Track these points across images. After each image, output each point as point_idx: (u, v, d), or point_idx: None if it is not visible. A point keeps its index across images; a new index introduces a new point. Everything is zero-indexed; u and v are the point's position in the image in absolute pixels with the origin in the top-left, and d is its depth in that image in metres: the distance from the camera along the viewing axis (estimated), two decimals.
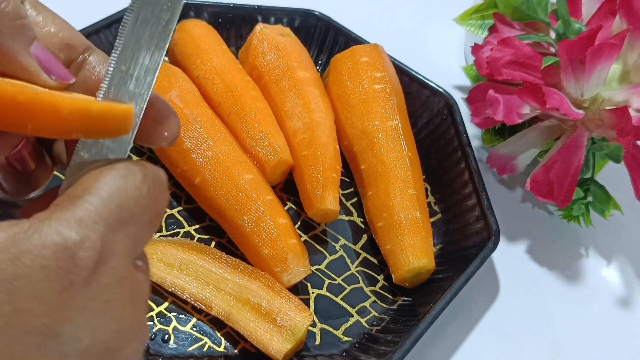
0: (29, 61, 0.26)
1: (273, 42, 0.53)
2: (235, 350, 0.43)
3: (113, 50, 0.26)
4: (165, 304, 0.44)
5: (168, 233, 0.48)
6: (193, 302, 0.42)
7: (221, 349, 0.43)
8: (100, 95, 0.26)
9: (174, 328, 0.43)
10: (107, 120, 0.25)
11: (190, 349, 0.42)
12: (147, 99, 0.26)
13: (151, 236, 0.26)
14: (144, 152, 0.52)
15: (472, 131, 0.56)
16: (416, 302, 0.46)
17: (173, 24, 0.27)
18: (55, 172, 0.31)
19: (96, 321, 0.23)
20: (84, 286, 0.22)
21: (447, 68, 0.64)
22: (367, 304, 0.46)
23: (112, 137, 0.26)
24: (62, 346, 0.22)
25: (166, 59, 0.58)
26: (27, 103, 0.23)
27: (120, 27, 0.26)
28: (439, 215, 0.52)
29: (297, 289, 0.46)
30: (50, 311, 0.22)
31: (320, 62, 0.59)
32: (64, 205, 0.23)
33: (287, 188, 0.51)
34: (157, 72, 0.27)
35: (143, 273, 0.26)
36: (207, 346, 0.42)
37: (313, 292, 0.46)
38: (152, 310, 0.43)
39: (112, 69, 0.26)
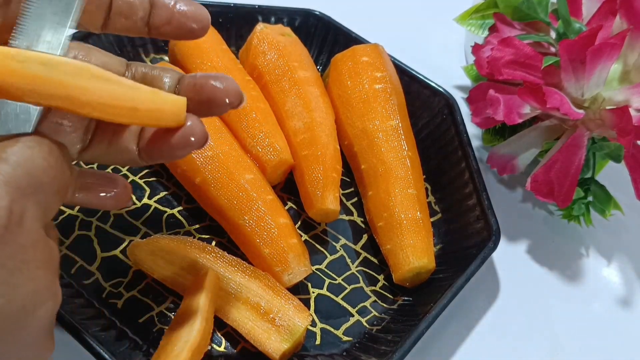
0: None
1: (273, 41, 0.53)
2: (236, 350, 0.43)
3: (15, 28, 0.26)
4: (166, 304, 0.44)
5: (168, 233, 0.48)
6: None
7: (221, 348, 0.43)
8: None
9: None
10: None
11: None
12: None
13: (59, 206, 0.27)
14: None
15: (473, 131, 0.56)
16: (416, 302, 0.46)
17: (79, 3, 0.27)
18: None
19: (13, 280, 0.24)
20: None
21: (448, 68, 0.64)
22: (367, 303, 0.46)
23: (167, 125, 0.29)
24: None
25: (166, 58, 0.58)
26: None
27: (23, 5, 0.26)
28: (439, 215, 0.52)
29: (298, 289, 0.46)
30: None
31: (320, 62, 0.59)
32: None
33: (288, 188, 0.51)
34: (62, 49, 0.27)
35: (53, 241, 0.27)
36: None
37: (313, 292, 0.46)
38: (153, 310, 0.44)
39: (14, 44, 0.26)
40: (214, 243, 0.47)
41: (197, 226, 0.48)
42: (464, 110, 0.55)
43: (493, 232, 0.46)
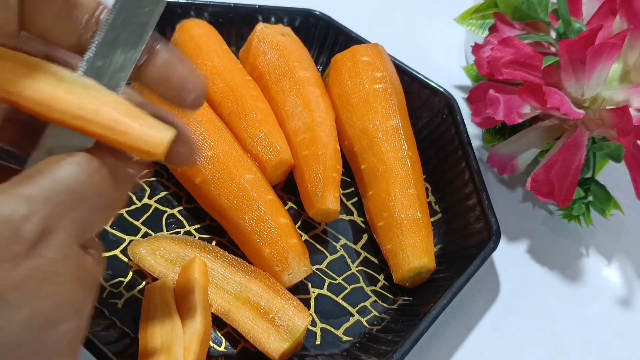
0: None
1: (274, 41, 0.53)
2: (236, 350, 0.43)
3: (90, 46, 0.28)
4: None
5: (168, 233, 0.48)
6: None
7: (222, 348, 0.43)
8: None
9: None
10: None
11: None
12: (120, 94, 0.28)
13: (103, 224, 0.27)
14: None
15: (473, 131, 0.56)
16: (417, 302, 0.46)
17: (151, 27, 0.28)
18: None
19: (40, 291, 0.24)
20: (27, 257, 0.24)
21: (448, 68, 0.64)
22: (367, 303, 0.46)
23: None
24: (4, 312, 0.23)
25: None
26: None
27: (102, 24, 0.28)
28: (440, 215, 0.52)
29: (298, 289, 0.46)
30: None
31: (320, 62, 0.59)
32: (17, 182, 0.24)
33: (288, 188, 0.51)
34: (131, 69, 0.28)
35: (94, 259, 0.27)
36: None
37: (314, 292, 0.46)
38: None
39: (87, 64, 0.28)
40: (214, 243, 0.47)
41: (197, 226, 0.48)
42: (464, 110, 0.55)
43: (493, 232, 0.46)
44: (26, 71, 0.26)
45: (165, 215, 0.49)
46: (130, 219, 0.48)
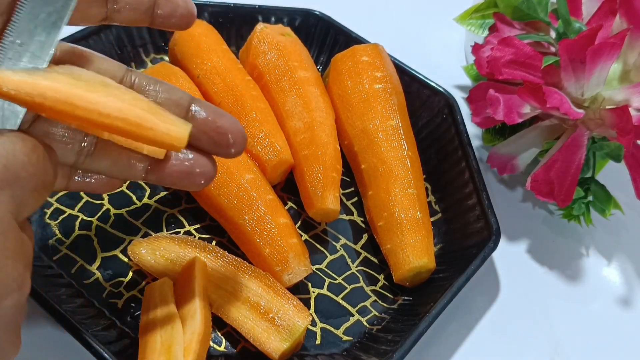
0: None
1: (273, 41, 0.53)
2: (236, 350, 0.43)
3: (9, 24, 0.27)
4: None
5: (168, 233, 0.48)
6: None
7: (222, 348, 0.43)
8: None
9: None
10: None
11: None
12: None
13: (37, 205, 0.28)
14: None
15: (473, 130, 0.56)
16: (417, 302, 0.46)
17: (72, 6, 0.28)
18: None
19: None
20: None
21: (448, 67, 0.64)
22: (367, 303, 0.46)
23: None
24: None
25: (166, 58, 0.58)
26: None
27: (18, 3, 0.27)
28: (440, 215, 0.52)
29: (298, 288, 0.46)
30: None
31: (320, 62, 0.59)
32: None
33: (288, 187, 0.51)
34: (53, 48, 0.28)
35: (28, 237, 0.27)
36: None
37: (313, 292, 0.46)
38: None
39: (7, 41, 0.27)
40: (214, 242, 0.47)
41: (197, 226, 0.48)
42: (464, 110, 0.55)
43: (493, 232, 0.46)
44: (41, 72, 0.26)
45: (165, 215, 0.49)
46: (130, 219, 0.48)
